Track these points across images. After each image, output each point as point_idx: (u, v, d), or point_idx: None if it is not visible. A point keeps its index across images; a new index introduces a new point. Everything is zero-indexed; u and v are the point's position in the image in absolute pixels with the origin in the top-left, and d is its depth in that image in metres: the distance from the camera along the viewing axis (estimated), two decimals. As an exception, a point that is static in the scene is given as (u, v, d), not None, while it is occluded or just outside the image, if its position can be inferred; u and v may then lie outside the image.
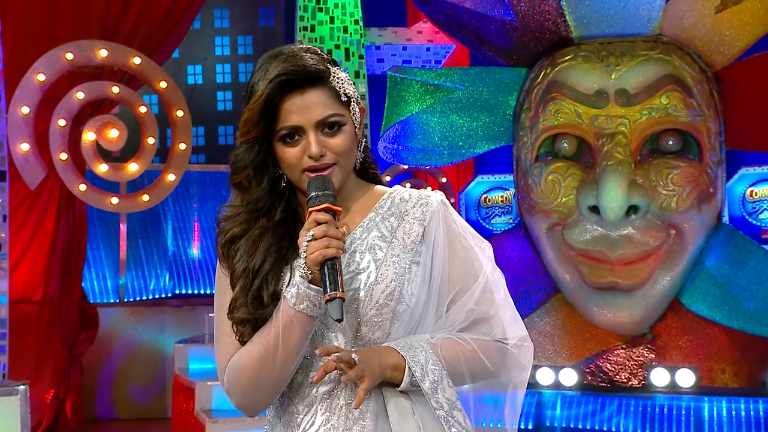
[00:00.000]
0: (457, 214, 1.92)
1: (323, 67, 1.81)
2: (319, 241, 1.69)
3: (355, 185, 1.93)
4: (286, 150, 1.81)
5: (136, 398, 8.44)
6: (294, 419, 1.84)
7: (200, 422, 4.72)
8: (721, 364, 6.51)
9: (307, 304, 1.73)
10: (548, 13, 6.76)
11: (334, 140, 1.81)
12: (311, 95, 1.79)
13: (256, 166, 1.83)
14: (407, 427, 1.78)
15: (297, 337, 1.75)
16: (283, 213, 1.86)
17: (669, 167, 6.43)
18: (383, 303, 1.80)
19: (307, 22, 8.82)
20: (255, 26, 10.04)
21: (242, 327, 1.80)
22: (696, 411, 6.02)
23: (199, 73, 9.89)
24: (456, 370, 1.81)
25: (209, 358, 5.74)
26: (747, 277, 6.49)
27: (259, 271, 1.80)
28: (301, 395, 1.83)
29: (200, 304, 8.63)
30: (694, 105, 6.53)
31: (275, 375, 1.77)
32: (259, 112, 1.78)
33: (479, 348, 1.83)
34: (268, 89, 1.77)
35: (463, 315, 1.84)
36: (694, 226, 6.48)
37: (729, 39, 6.63)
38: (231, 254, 1.86)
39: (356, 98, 1.87)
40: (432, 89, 6.91)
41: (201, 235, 9.10)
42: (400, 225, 1.86)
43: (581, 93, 6.60)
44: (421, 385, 1.77)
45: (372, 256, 1.83)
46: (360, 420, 1.79)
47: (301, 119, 1.79)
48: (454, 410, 1.79)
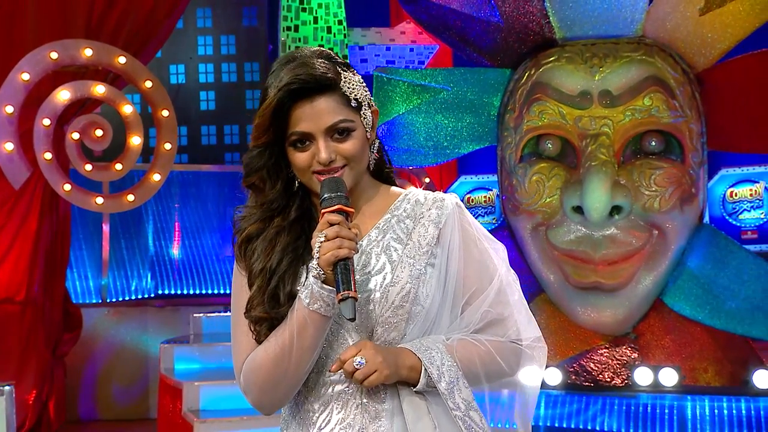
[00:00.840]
0: (471, 216, 1.95)
1: (333, 74, 1.82)
2: (332, 241, 1.72)
3: (368, 186, 1.95)
4: (297, 155, 1.84)
5: (118, 399, 8.40)
6: (310, 417, 1.86)
7: (188, 422, 4.71)
8: (704, 363, 6.57)
9: (320, 303, 1.75)
10: (532, 15, 6.79)
11: (344, 145, 1.84)
12: (320, 102, 1.81)
13: (269, 169, 1.87)
14: (422, 426, 1.80)
15: (311, 337, 1.77)
16: (297, 211, 1.89)
17: (652, 168, 6.49)
18: (399, 304, 1.82)
19: (290, 22, 8.81)
20: (238, 26, 9.99)
21: (259, 326, 1.83)
22: (679, 410, 6.07)
23: (181, 72, 9.82)
24: (471, 371, 1.83)
25: (195, 358, 5.74)
26: (729, 277, 6.55)
27: (275, 271, 1.83)
28: (316, 394, 1.85)
29: (183, 305, 8.60)
30: (677, 106, 6.59)
31: (291, 374, 1.80)
32: (269, 119, 1.82)
33: (494, 349, 1.85)
34: (277, 97, 1.79)
35: (478, 316, 1.86)
36: (676, 226, 6.54)
37: (711, 41, 6.69)
38: (248, 254, 1.88)
39: (368, 102, 1.89)
40: (419, 90, 6.93)
41: (182, 235, 9.07)
42: (416, 227, 1.88)
43: (565, 94, 6.63)
44: (438, 386, 1.79)
45: (387, 258, 1.85)
46: (376, 420, 1.81)
47: (311, 126, 1.81)
48: (471, 410, 1.81)
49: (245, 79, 10.20)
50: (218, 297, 8.96)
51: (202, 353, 5.71)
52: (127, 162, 6.38)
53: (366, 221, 1.91)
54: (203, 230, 9.11)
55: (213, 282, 9.03)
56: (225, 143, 10.12)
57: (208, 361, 5.71)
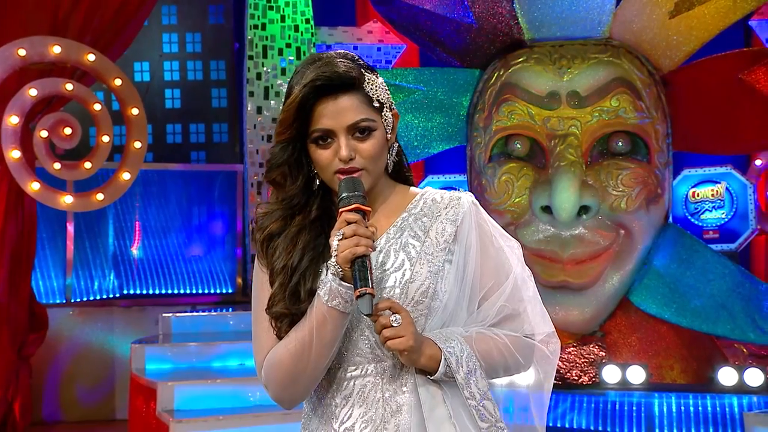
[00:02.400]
0: (487, 214, 1.99)
1: (357, 74, 1.86)
2: (349, 239, 1.76)
3: (386, 185, 1.98)
4: (319, 151, 1.87)
5: (83, 400, 8.29)
6: (332, 411, 1.89)
7: (163, 423, 4.68)
8: (670, 361, 6.68)
9: (339, 300, 1.79)
10: (501, 15, 6.84)
11: (364, 145, 1.87)
12: (344, 100, 1.85)
13: (291, 165, 1.90)
14: (438, 414, 1.85)
15: (331, 333, 1.81)
16: (318, 210, 1.92)
17: (619, 168, 6.57)
18: (418, 300, 1.87)
19: (257, 20, 8.77)
20: (204, 23, 9.91)
21: (280, 322, 1.86)
22: (647, 407, 6.16)
23: (146, 70, 9.72)
24: (489, 363, 1.87)
25: (167, 358, 5.70)
26: (694, 276, 6.65)
27: (297, 268, 1.86)
28: (338, 388, 1.89)
29: (150, 305, 8.52)
30: (643, 107, 6.68)
31: (310, 369, 1.83)
32: (292, 115, 1.85)
33: (511, 343, 1.90)
34: (302, 93, 1.83)
35: (494, 311, 1.91)
36: (642, 226, 6.63)
37: (676, 43, 6.80)
38: (269, 252, 1.91)
39: (390, 104, 1.93)
40: (393, 90, 6.94)
41: (147, 234, 8.99)
42: (433, 225, 1.92)
43: (534, 95, 6.70)
44: (456, 376, 1.83)
45: (406, 255, 1.89)
46: (397, 413, 1.86)
47: (333, 123, 1.85)
48: (485, 400, 1.85)
49: (211, 78, 10.12)
50: (184, 297, 8.89)
51: (174, 353, 5.67)
52: (96, 160, 6.31)
53: (384, 220, 1.95)
54: (168, 230, 9.03)
55: (179, 282, 8.96)
56: (191, 142, 10.04)
57: (180, 361, 5.68)
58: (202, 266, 9.05)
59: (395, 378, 1.87)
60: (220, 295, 8.98)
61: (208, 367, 5.65)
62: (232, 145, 10.03)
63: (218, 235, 9.18)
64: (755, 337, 6.47)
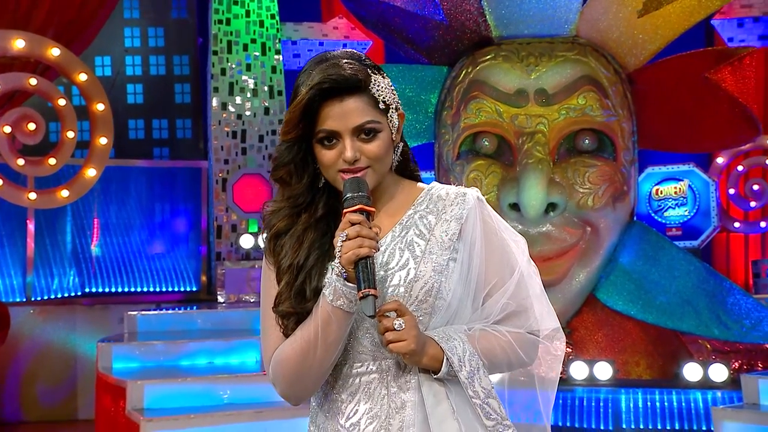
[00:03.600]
0: (492, 209, 1.99)
1: (363, 76, 1.88)
2: (353, 241, 1.78)
3: (392, 182, 1.99)
4: (324, 152, 1.89)
5: (45, 400, 8.17)
6: (337, 407, 1.92)
7: (133, 422, 4.61)
8: (636, 357, 6.73)
9: (343, 300, 1.81)
10: (470, 13, 6.85)
11: (369, 146, 1.89)
12: (349, 102, 1.87)
13: (297, 163, 1.92)
14: (441, 411, 1.87)
15: (335, 332, 1.84)
16: (324, 208, 1.94)
17: (585, 166, 6.61)
18: (422, 299, 1.88)
19: (222, 15, 8.69)
20: (167, 18, 9.79)
21: (286, 320, 1.89)
22: (614, 402, 6.20)
23: (107, 64, 9.57)
24: (492, 360, 1.89)
25: (134, 356, 5.62)
26: (660, 273, 6.72)
27: (302, 267, 1.89)
28: (344, 384, 1.92)
29: (113, 303, 8.41)
30: (610, 105, 6.73)
31: (316, 367, 1.87)
32: (298, 116, 1.87)
33: (514, 340, 1.91)
34: (308, 95, 1.85)
35: (498, 308, 1.92)
36: (609, 223, 6.68)
37: (642, 42, 6.85)
38: (277, 250, 1.94)
39: (396, 105, 1.94)
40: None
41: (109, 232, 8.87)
42: (438, 223, 1.94)
43: (502, 92, 6.71)
44: (458, 375, 1.85)
45: (411, 254, 1.91)
46: (401, 410, 1.88)
47: (338, 125, 1.87)
48: (489, 398, 1.87)
49: (174, 73, 10.00)
50: (148, 295, 8.79)
51: (142, 352, 5.60)
52: (61, 156, 6.20)
53: (389, 218, 1.97)
54: (131, 227, 8.92)
55: (142, 280, 8.85)
56: (153, 138, 9.91)
57: (147, 360, 5.61)
58: (165, 264, 8.95)
59: (399, 375, 1.89)
60: (184, 293, 8.90)
61: (177, 366, 5.59)
62: (196, 141, 9.93)
63: (182, 233, 9.09)
64: (719, 332, 6.55)
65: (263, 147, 8.56)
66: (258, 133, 8.56)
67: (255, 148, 8.54)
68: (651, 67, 7.02)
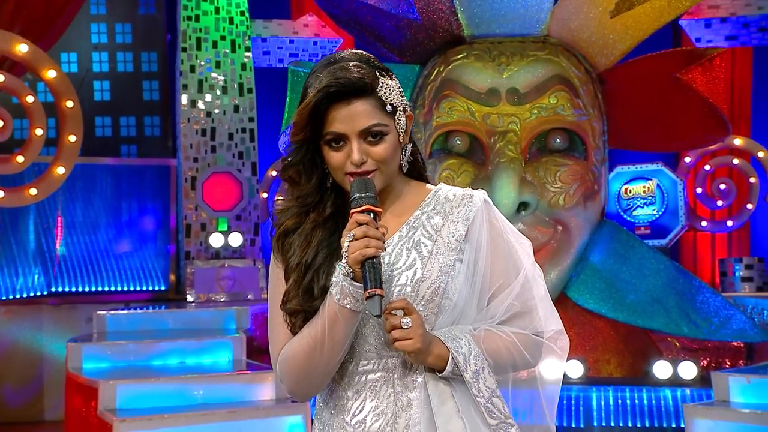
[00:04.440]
0: (498, 212, 2.02)
1: (370, 79, 1.90)
2: (360, 241, 1.81)
3: (400, 183, 2.02)
4: (331, 153, 1.92)
5: (11, 401, 8.04)
6: (344, 404, 1.95)
7: (106, 422, 4.56)
8: (606, 355, 6.78)
9: (350, 299, 1.84)
10: (442, 12, 6.85)
11: (376, 149, 1.91)
12: (357, 105, 1.89)
13: (305, 164, 1.95)
14: (447, 409, 1.89)
15: (342, 331, 1.87)
16: (332, 207, 1.97)
17: (557, 165, 6.65)
18: (429, 298, 1.91)
19: (191, 12, 8.59)
20: (134, 14, 9.68)
21: (294, 318, 1.92)
22: (585, 400, 6.23)
23: (73, 61, 9.45)
24: (496, 360, 1.91)
25: (105, 356, 5.55)
26: (630, 271, 6.77)
27: (311, 266, 1.92)
28: (350, 382, 1.95)
29: (81, 302, 8.29)
30: (581, 105, 6.77)
31: (323, 365, 1.90)
32: (305, 118, 1.89)
33: (519, 341, 1.93)
34: (315, 98, 1.87)
35: (503, 309, 1.95)
36: (580, 222, 6.72)
37: (612, 42, 6.90)
38: (285, 248, 1.97)
39: (403, 106, 1.97)
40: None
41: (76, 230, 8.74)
42: (445, 224, 1.96)
43: (474, 91, 6.73)
44: (464, 375, 1.88)
45: (418, 254, 1.93)
46: (408, 408, 1.91)
47: (346, 128, 1.89)
48: (494, 397, 1.89)
49: (142, 70, 9.89)
50: (116, 294, 8.67)
51: (113, 352, 5.53)
52: (29, 154, 6.11)
53: (396, 218, 1.99)
54: (97, 226, 8.79)
55: (110, 279, 8.73)
56: (121, 135, 9.79)
57: (118, 360, 5.54)
58: (133, 263, 8.85)
59: (405, 374, 1.92)
60: (152, 293, 8.80)
61: (149, 366, 5.53)
62: (165, 139, 9.83)
63: (150, 231, 8.98)
64: (689, 330, 6.62)
65: (233, 145, 8.48)
66: (228, 131, 8.48)
67: (225, 146, 8.46)
68: (621, 67, 7.08)
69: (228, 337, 5.96)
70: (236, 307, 6.63)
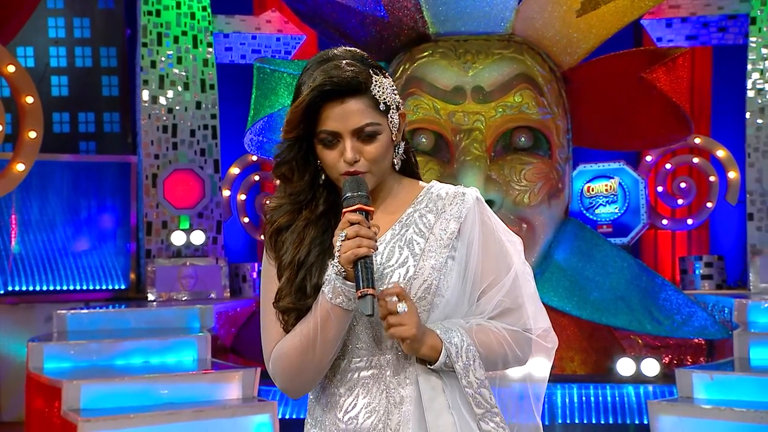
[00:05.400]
0: (490, 210, 2.03)
1: (363, 78, 1.90)
2: (352, 240, 1.81)
3: (393, 181, 2.03)
4: (325, 151, 1.93)
5: (-35, 402, 7.88)
6: (335, 401, 1.96)
7: (70, 422, 4.48)
8: (570, 353, 6.82)
9: (342, 298, 1.85)
10: (407, 9, 6.84)
11: (369, 147, 1.92)
12: (350, 104, 1.89)
13: (298, 161, 1.96)
14: (437, 405, 1.91)
15: (334, 329, 1.88)
16: (324, 204, 1.98)
17: (522, 163, 6.67)
18: (421, 296, 1.92)
19: (151, 6, 8.48)
20: (93, 8, 9.52)
21: (287, 316, 1.93)
22: (549, 398, 6.25)
23: (30, 55, 9.28)
24: (488, 354, 1.93)
25: (67, 356, 5.45)
26: (594, 269, 6.82)
27: (303, 263, 1.93)
28: (342, 379, 1.95)
29: (38, 301, 8.15)
30: (545, 103, 6.80)
31: (315, 363, 1.91)
32: (299, 117, 1.90)
33: (510, 336, 1.96)
34: (309, 97, 1.88)
35: (492, 305, 1.96)
36: (544, 220, 6.75)
37: (576, 41, 6.94)
38: (278, 246, 1.98)
39: (396, 105, 1.97)
40: (292, 81, 6.84)
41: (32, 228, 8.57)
42: (437, 221, 1.97)
43: (439, 89, 6.73)
44: (455, 366, 1.89)
45: (410, 251, 1.94)
46: (400, 405, 1.92)
47: (339, 126, 1.90)
48: (482, 388, 1.91)
49: (101, 65, 9.72)
50: (75, 293, 8.52)
51: (75, 351, 5.44)
52: (-12, 151, 5.98)
53: (388, 216, 2.00)
54: (54, 223, 8.64)
55: (68, 278, 8.58)
56: (80, 131, 9.63)
57: (80, 359, 5.45)
58: (92, 261, 8.70)
59: (398, 371, 1.93)
60: (112, 291, 8.67)
61: (112, 365, 5.44)
62: (125, 135, 9.69)
63: (109, 229, 8.85)
64: (651, 328, 6.68)
65: (195, 142, 8.39)
66: (189, 128, 8.38)
67: (186, 143, 8.36)
68: (585, 66, 7.12)
69: (192, 335, 5.89)
70: (200, 306, 6.56)
